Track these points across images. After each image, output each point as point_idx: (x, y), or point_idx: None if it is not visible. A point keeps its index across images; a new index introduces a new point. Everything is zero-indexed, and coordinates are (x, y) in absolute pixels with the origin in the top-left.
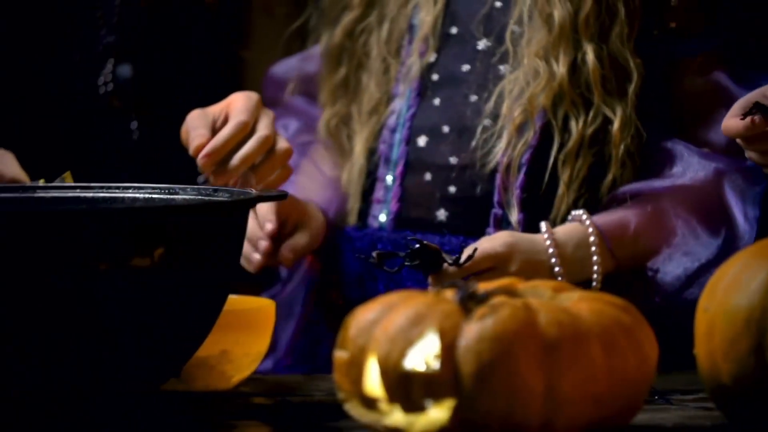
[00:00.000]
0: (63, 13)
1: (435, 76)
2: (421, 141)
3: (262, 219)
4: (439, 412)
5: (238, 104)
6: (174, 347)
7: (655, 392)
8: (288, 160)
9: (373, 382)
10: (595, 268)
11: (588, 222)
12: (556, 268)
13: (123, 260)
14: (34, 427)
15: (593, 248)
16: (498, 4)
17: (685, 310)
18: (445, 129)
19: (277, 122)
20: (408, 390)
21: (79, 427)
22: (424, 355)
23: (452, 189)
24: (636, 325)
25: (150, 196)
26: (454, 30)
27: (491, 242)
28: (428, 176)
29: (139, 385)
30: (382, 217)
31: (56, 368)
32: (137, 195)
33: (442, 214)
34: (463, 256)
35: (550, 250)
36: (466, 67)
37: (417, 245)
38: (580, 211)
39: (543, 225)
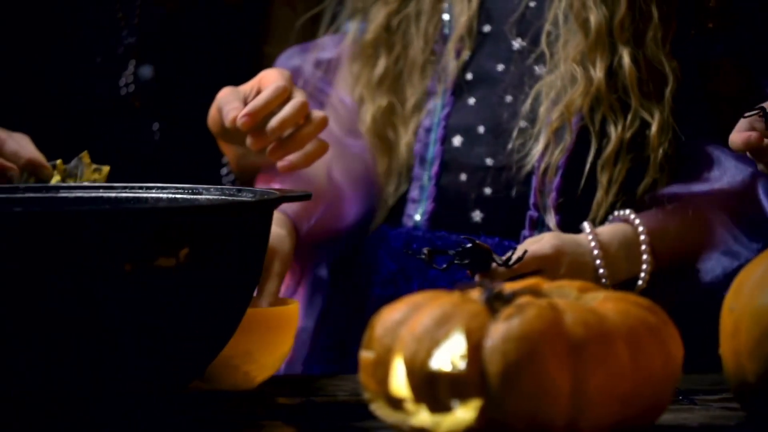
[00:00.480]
0: (84, 15)
1: (469, 75)
2: (456, 141)
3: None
4: (465, 413)
5: (272, 76)
6: (199, 347)
7: (679, 392)
8: (324, 129)
9: (399, 383)
10: (644, 266)
11: (636, 221)
12: (601, 270)
13: (148, 260)
14: (58, 427)
15: (643, 246)
16: (532, 3)
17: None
18: (481, 129)
19: None
20: (434, 390)
21: (105, 427)
22: (450, 355)
23: (488, 190)
24: (661, 325)
25: (173, 196)
26: (487, 28)
27: (539, 245)
28: (463, 177)
29: (163, 385)
30: (417, 217)
31: (81, 368)
32: (160, 195)
33: (477, 215)
34: (514, 257)
35: (595, 251)
36: (500, 67)
37: (469, 244)
38: (627, 211)
39: (586, 225)
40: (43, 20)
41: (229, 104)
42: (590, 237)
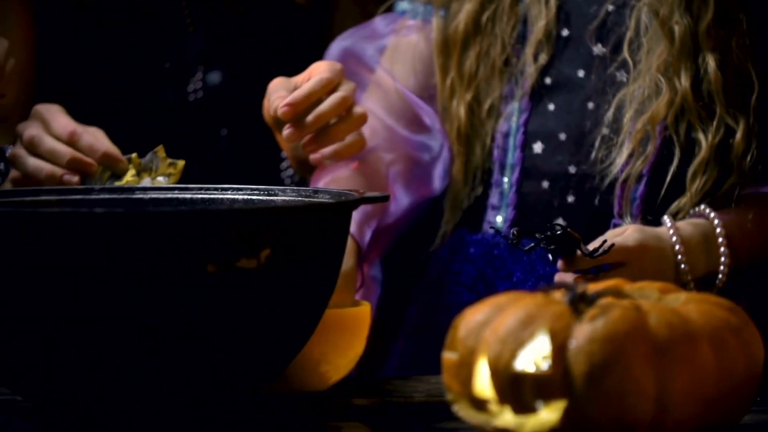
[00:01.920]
0: (152, 21)
1: (548, 80)
2: (537, 147)
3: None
4: (549, 414)
5: (321, 67)
6: (278, 348)
7: (759, 393)
8: (362, 126)
9: (483, 384)
10: (723, 259)
11: (713, 216)
12: (683, 266)
13: (231, 261)
14: (138, 426)
15: (720, 239)
16: (611, 8)
17: None
18: (562, 136)
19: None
20: (518, 391)
21: (184, 426)
22: (534, 356)
23: (570, 198)
24: (744, 326)
25: (249, 197)
26: (566, 32)
27: (623, 237)
28: (545, 184)
29: (243, 385)
30: (499, 224)
31: (162, 369)
32: (236, 196)
33: (560, 222)
34: (600, 248)
35: (677, 247)
36: (581, 73)
37: (559, 231)
38: (703, 207)
39: (667, 220)
40: (113, 26)
41: (276, 93)
42: (671, 231)
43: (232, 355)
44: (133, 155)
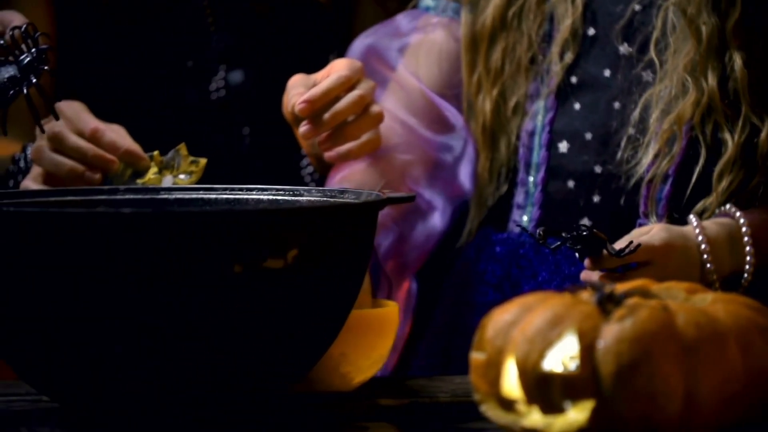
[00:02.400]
0: (174, 20)
1: (574, 79)
2: (562, 147)
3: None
4: (577, 414)
5: (340, 65)
6: (304, 348)
7: None
8: (378, 125)
9: (511, 384)
10: (748, 258)
11: (738, 215)
12: (708, 265)
13: (258, 261)
14: (166, 425)
15: (745, 238)
16: (637, 7)
17: None
18: (588, 136)
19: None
20: (547, 391)
21: (210, 426)
22: (562, 356)
23: (596, 198)
24: None
25: (274, 197)
26: (591, 31)
27: (649, 236)
28: (571, 183)
29: (269, 385)
30: (524, 223)
31: (188, 369)
32: (261, 197)
33: (585, 222)
34: (627, 248)
35: (703, 246)
36: (607, 72)
37: (586, 232)
38: (728, 206)
39: (693, 219)
40: (134, 25)
41: (295, 89)
42: (697, 230)
43: (259, 355)
44: (155, 153)
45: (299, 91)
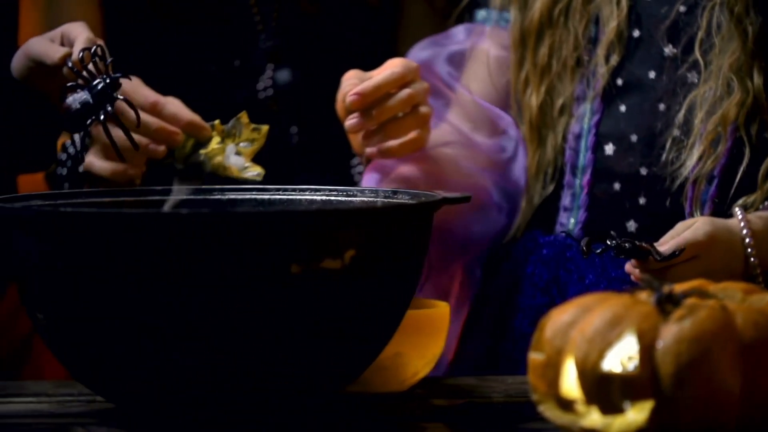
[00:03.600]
0: (222, 19)
1: (619, 81)
2: (608, 149)
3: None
4: (637, 414)
5: (395, 63)
6: (360, 349)
7: None
8: (425, 125)
9: (570, 384)
10: None
11: None
12: (752, 259)
13: (315, 262)
14: (221, 427)
15: None
16: (682, 8)
17: None
18: (633, 138)
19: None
20: (606, 391)
21: (265, 427)
22: (622, 356)
23: (642, 200)
24: None
25: (327, 198)
26: (636, 33)
27: (693, 231)
28: (617, 186)
29: (326, 386)
30: (571, 225)
31: (245, 370)
32: (314, 197)
33: (632, 224)
34: (671, 250)
35: (747, 240)
36: (652, 74)
37: (629, 246)
38: None
39: (738, 211)
40: (182, 25)
41: (347, 81)
42: (742, 224)
43: (315, 355)
44: (216, 122)
45: (352, 82)
